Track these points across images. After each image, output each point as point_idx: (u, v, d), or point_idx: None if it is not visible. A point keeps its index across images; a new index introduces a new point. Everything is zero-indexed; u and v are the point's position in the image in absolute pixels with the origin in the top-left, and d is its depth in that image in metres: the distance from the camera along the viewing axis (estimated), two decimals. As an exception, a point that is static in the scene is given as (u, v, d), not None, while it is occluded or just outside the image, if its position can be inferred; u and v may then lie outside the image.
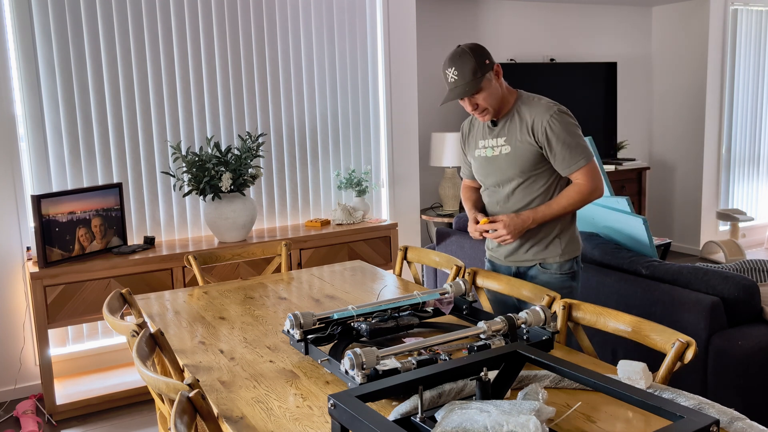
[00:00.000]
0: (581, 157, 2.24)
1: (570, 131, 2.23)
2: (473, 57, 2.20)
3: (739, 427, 1.32)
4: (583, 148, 2.25)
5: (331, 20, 4.30)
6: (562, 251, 2.34)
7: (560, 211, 2.27)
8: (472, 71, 2.20)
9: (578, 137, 2.25)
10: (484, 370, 1.39)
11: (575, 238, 2.39)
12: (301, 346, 1.84)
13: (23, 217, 3.56)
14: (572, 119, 2.26)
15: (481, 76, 2.21)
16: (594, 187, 2.25)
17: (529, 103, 2.29)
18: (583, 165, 2.24)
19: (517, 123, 2.29)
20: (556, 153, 2.24)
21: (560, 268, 2.35)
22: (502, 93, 2.29)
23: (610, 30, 6.18)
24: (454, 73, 2.23)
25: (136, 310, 2.35)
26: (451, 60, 2.23)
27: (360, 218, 4.24)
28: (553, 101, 2.29)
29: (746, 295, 2.63)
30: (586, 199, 2.26)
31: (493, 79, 2.25)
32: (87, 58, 3.64)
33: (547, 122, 2.22)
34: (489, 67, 2.23)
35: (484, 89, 2.23)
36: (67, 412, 3.38)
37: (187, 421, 1.32)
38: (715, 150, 6.24)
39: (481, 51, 2.23)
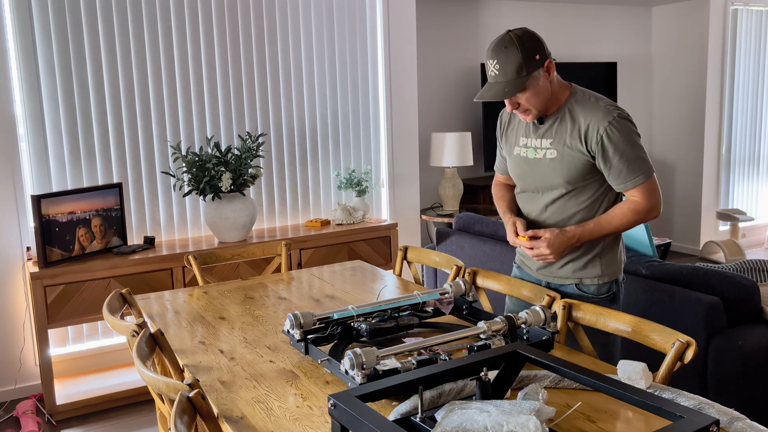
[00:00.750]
0: (641, 172, 1.96)
1: (630, 141, 1.94)
2: (520, 51, 1.89)
3: (739, 427, 1.32)
4: (644, 161, 1.96)
5: (331, 20, 4.30)
6: (602, 272, 2.10)
7: (611, 231, 2.00)
8: (516, 69, 1.90)
9: (639, 148, 1.96)
10: (484, 370, 1.39)
11: (619, 258, 2.14)
12: (301, 346, 1.84)
13: (23, 217, 3.56)
14: (634, 127, 1.97)
15: (527, 74, 1.91)
16: (652, 206, 1.98)
17: (585, 103, 1.99)
18: (641, 182, 1.96)
19: (569, 125, 2.00)
20: (612, 165, 1.96)
21: (598, 290, 2.11)
22: (551, 91, 1.99)
23: (610, 30, 6.18)
24: (496, 67, 1.93)
25: (136, 310, 2.35)
26: (495, 50, 1.93)
27: (360, 218, 4.24)
28: (613, 103, 1.99)
29: (746, 295, 2.63)
30: (642, 219, 1.99)
31: (542, 76, 1.95)
32: (87, 58, 3.64)
33: (605, 129, 1.93)
34: (539, 63, 1.92)
35: (528, 88, 1.94)
36: (67, 412, 3.38)
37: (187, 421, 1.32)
38: (715, 150, 6.24)
39: (533, 43, 1.91)
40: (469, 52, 5.49)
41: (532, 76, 1.93)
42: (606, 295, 2.12)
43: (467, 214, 3.93)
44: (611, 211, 2.02)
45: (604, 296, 2.12)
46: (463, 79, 5.48)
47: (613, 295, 2.14)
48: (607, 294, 2.12)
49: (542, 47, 1.94)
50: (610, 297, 2.13)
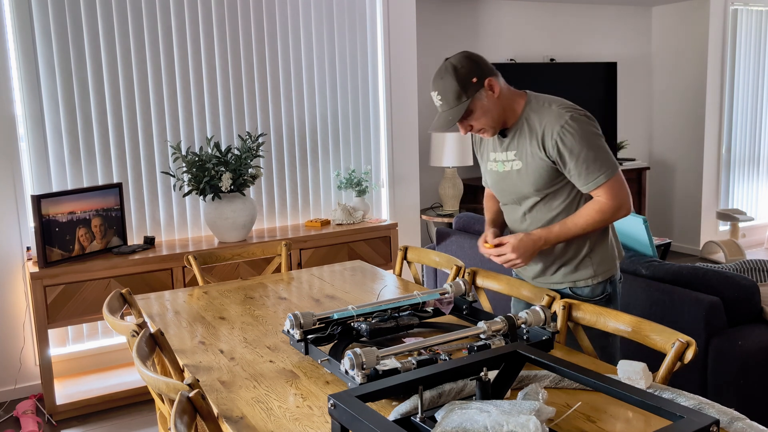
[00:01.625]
0: (601, 171, 1.93)
1: (587, 141, 1.91)
2: (455, 79, 1.91)
3: (739, 427, 1.32)
4: (603, 160, 1.93)
5: (331, 20, 4.30)
6: (594, 272, 2.08)
7: (579, 232, 1.97)
8: (455, 96, 1.92)
9: (597, 147, 1.93)
10: (484, 370, 1.39)
11: (610, 254, 2.11)
12: (301, 346, 1.84)
13: (23, 217, 3.56)
14: (590, 125, 1.94)
15: (468, 99, 1.92)
16: (617, 206, 1.94)
17: (539, 110, 1.98)
18: (603, 182, 1.93)
19: (527, 134, 2.00)
20: (571, 168, 1.94)
21: (592, 292, 2.09)
22: (501, 106, 1.98)
23: (610, 30, 6.18)
24: (438, 98, 1.96)
25: (136, 310, 2.35)
26: (434, 82, 1.96)
27: (360, 218, 4.24)
28: (568, 105, 1.97)
29: (746, 295, 2.63)
30: (608, 219, 1.96)
31: (486, 96, 1.94)
32: (87, 58, 3.64)
33: (558, 133, 1.92)
34: (478, 85, 1.93)
35: (474, 111, 1.95)
36: (67, 412, 3.38)
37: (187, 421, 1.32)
38: (715, 150, 6.24)
39: (468, 67, 1.92)
40: (469, 52, 5.49)
41: (474, 99, 1.94)
42: (600, 297, 2.10)
43: (467, 214, 3.93)
44: (578, 211, 2.00)
45: (599, 298, 2.10)
46: (463, 79, 5.48)
47: (609, 297, 2.11)
48: (602, 296, 2.10)
49: (479, 69, 1.94)
50: (605, 299, 2.11)
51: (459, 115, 1.93)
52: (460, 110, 1.93)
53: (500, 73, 2.03)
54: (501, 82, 1.99)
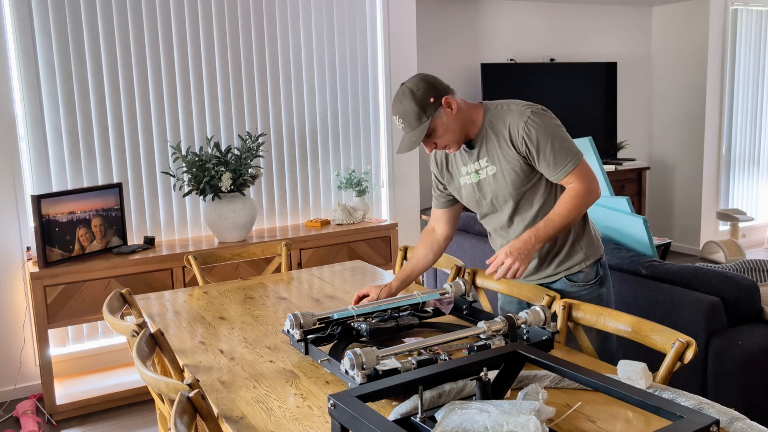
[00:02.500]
0: (568, 159, 2.00)
1: (550, 133, 2.00)
2: (413, 100, 1.97)
3: (739, 427, 1.32)
4: (569, 149, 2.01)
5: (331, 20, 4.30)
6: (585, 255, 2.14)
7: (563, 221, 2.01)
8: (415, 117, 1.98)
9: (561, 138, 2.01)
10: (484, 370, 1.39)
11: (594, 236, 2.19)
12: (301, 346, 1.84)
13: (23, 217, 3.56)
14: (551, 118, 2.03)
15: (428, 118, 1.98)
16: (589, 188, 2.01)
17: (499, 113, 2.06)
18: (571, 168, 2.00)
19: (494, 139, 2.06)
20: (541, 160, 2.02)
21: (586, 277, 2.14)
22: (461, 120, 2.04)
23: (610, 30, 6.18)
24: (399, 121, 2.02)
25: (136, 310, 2.35)
26: (394, 107, 2.03)
27: (360, 218, 4.24)
28: (526, 103, 2.06)
29: (746, 295, 2.63)
30: (585, 202, 2.01)
31: (445, 114, 2.00)
32: (87, 58, 3.64)
33: (524, 129, 2.00)
34: (436, 104, 1.99)
35: (435, 129, 2.01)
36: (67, 412, 3.38)
37: (187, 421, 1.32)
38: (715, 150, 6.24)
39: (424, 89, 1.99)
40: (469, 52, 5.49)
41: (433, 118, 2.00)
42: (595, 280, 2.16)
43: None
44: (557, 203, 2.04)
45: (593, 282, 2.16)
46: (463, 79, 5.49)
47: (601, 279, 2.18)
48: (596, 279, 2.16)
49: (435, 89, 2.00)
50: (599, 281, 2.17)
51: (422, 135, 1.99)
52: (422, 130, 1.99)
53: (455, 90, 2.09)
54: (457, 98, 2.06)
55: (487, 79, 5.26)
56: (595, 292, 2.16)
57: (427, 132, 2.00)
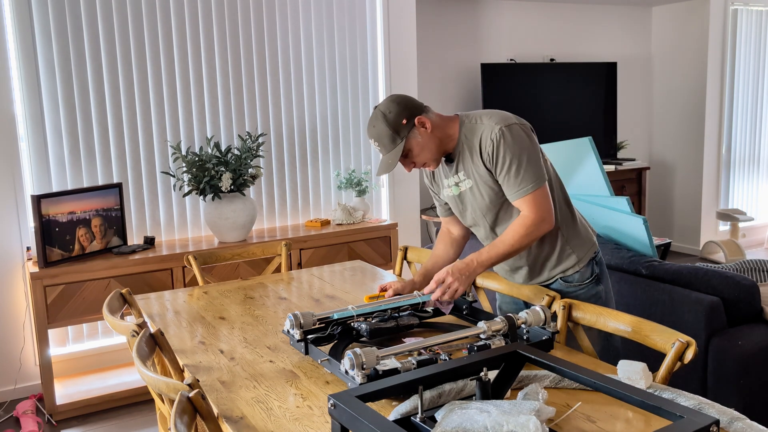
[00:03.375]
0: (528, 183, 1.95)
1: (516, 151, 1.95)
2: (386, 124, 1.98)
3: (739, 427, 1.32)
4: (530, 173, 1.95)
5: (331, 20, 4.30)
6: (578, 257, 2.12)
7: (507, 249, 1.99)
8: (390, 140, 1.99)
9: (525, 159, 1.95)
10: (484, 370, 1.39)
11: (585, 236, 2.16)
12: (301, 346, 1.84)
13: (23, 217, 3.56)
14: (522, 134, 1.98)
15: (402, 140, 1.99)
16: (539, 219, 1.96)
17: (472, 127, 2.04)
18: (527, 193, 1.96)
19: (468, 153, 2.05)
20: (499, 177, 1.99)
21: (582, 277, 2.13)
22: (437, 137, 2.04)
23: (610, 30, 6.18)
24: (376, 144, 2.04)
25: (136, 310, 2.35)
26: (369, 131, 2.04)
27: (360, 218, 4.24)
28: (501, 116, 2.02)
29: (746, 295, 2.63)
30: (534, 233, 1.97)
31: (419, 133, 2.00)
32: (87, 58, 3.64)
33: (489, 143, 1.97)
34: (409, 125, 1.99)
35: (412, 149, 2.02)
36: (67, 412, 3.38)
37: (187, 421, 1.32)
38: (715, 150, 6.24)
39: (397, 111, 1.99)
40: (469, 52, 5.49)
41: (408, 139, 2.00)
42: (590, 279, 2.15)
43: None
44: (506, 231, 2.01)
45: (589, 280, 2.15)
46: (463, 79, 5.49)
47: (597, 277, 2.16)
48: (591, 277, 2.15)
49: (407, 110, 2.00)
50: (595, 279, 2.16)
51: (397, 156, 2.01)
52: (397, 152, 2.00)
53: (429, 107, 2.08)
54: (432, 115, 2.05)
55: (487, 79, 5.26)
56: (592, 290, 2.16)
57: (403, 152, 2.02)
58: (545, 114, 5.63)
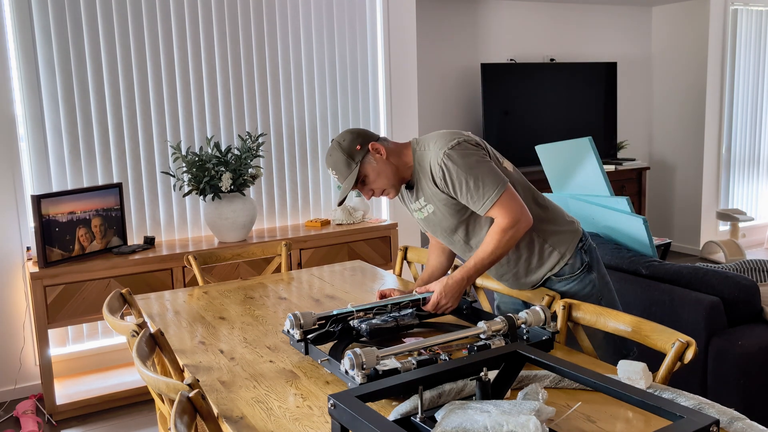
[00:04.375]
0: (489, 192, 1.97)
1: (466, 169, 1.97)
2: (341, 150, 2.05)
3: (739, 427, 1.32)
4: (487, 183, 1.97)
5: (331, 20, 4.30)
6: (561, 253, 2.13)
7: (491, 257, 2.01)
8: (345, 165, 2.05)
9: (478, 170, 1.98)
10: (484, 370, 1.39)
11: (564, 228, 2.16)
12: (301, 346, 1.84)
13: (23, 217, 3.56)
14: (466, 150, 2.00)
15: (357, 164, 2.05)
16: (514, 220, 1.97)
17: (422, 154, 2.08)
18: (493, 202, 1.97)
19: (423, 179, 2.08)
20: (460, 198, 2.01)
21: (572, 268, 2.14)
22: (393, 164, 2.08)
23: (610, 30, 6.18)
24: (333, 173, 2.11)
25: (136, 310, 2.35)
26: (326, 161, 2.12)
27: (360, 218, 4.24)
28: (445, 138, 2.04)
29: (746, 295, 2.63)
30: (512, 235, 1.98)
31: (374, 159, 2.06)
32: (87, 58, 3.64)
33: (438, 169, 2.00)
34: (363, 151, 2.05)
35: (368, 174, 2.07)
36: (67, 412, 3.38)
37: (187, 421, 1.32)
38: (715, 150, 6.24)
39: (350, 139, 2.06)
40: (469, 52, 5.49)
41: (362, 164, 2.06)
42: (581, 268, 2.14)
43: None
44: (485, 240, 2.03)
45: (580, 270, 2.14)
46: (463, 79, 5.49)
47: (588, 265, 2.16)
48: (582, 267, 2.15)
49: (360, 137, 2.07)
50: (586, 268, 2.15)
51: (353, 180, 2.05)
52: (353, 177, 2.05)
53: (385, 136, 2.13)
54: (387, 143, 2.10)
55: (487, 79, 5.26)
56: (585, 279, 2.15)
57: (360, 179, 2.06)
58: (545, 114, 5.63)
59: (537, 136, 5.50)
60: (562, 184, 3.44)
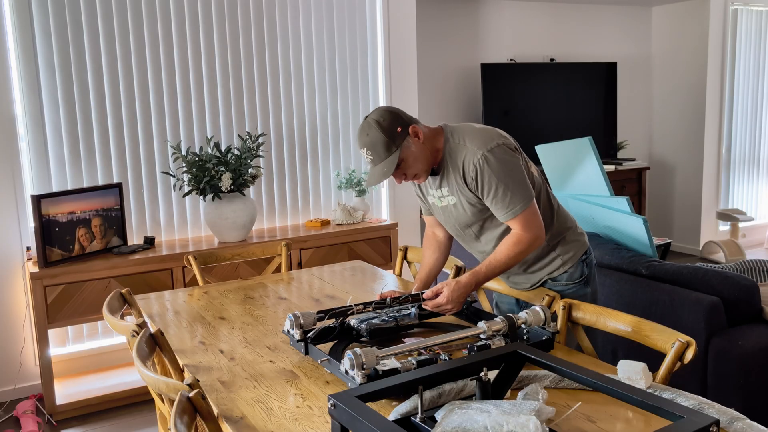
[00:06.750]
0: (514, 204, 1.97)
1: (501, 175, 1.96)
2: (381, 131, 1.95)
3: (739, 427, 1.32)
4: (517, 193, 1.97)
5: (331, 20, 4.30)
6: (563, 260, 2.15)
7: (502, 266, 2.02)
8: (384, 147, 1.96)
9: (512, 179, 1.97)
10: (484, 370, 1.39)
11: (571, 239, 2.18)
12: (301, 346, 1.84)
13: (23, 217, 3.56)
14: (504, 156, 1.98)
15: (397, 149, 1.97)
16: (533, 237, 1.98)
17: (456, 148, 2.03)
18: (516, 214, 1.97)
19: (452, 171, 2.05)
20: (486, 201, 2.01)
21: (570, 277, 2.16)
22: (428, 149, 2.03)
23: (610, 30, 6.18)
24: (368, 153, 2.00)
25: (136, 310, 2.35)
26: (360, 139, 2.00)
27: (360, 218, 4.24)
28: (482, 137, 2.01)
29: (746, 295, 2.63)
30: (527, 250, 2.00)
31: (413, 143, 1.99)
32: (87, 58, 3.64)
33: (472, 169, 1.98)
34: (403, 134, 1.98)
35: (406, 159, 2.00)
36: (67, 412, 3.38)
37: (187, 421, 1.32)
38: (715, 150, 6.24)
39: (390, 119, 1.97)
40: (469, 52, 5.49)
41: (403, 147, 1.98)
42: (579, 279, 2.17)
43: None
44: (498, 248, 2.03)
45: (578, 281, 2.17)
46: (463, 79, 5.49)
47: (587, 279, 2.18)
48: (581, 278, 2.17)
49: (401, 119, 1.99)
50: (584, 281, 2.18)
51: (393, 164, 1.97)
52: (392, 160, 1.97)
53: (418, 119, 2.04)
54: (422, 126, 2.04)
55: (487, 79, 5.26)
56: (580, 291, 2.18)
57: (395, 166, 1.98)
58: (545, 114, 5.63)
59: (537, 136, 5.50)
60: (562, 184, 3.44)
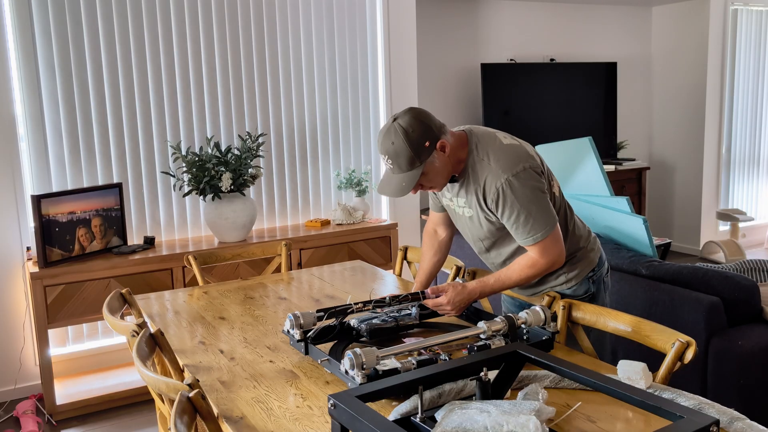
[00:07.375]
0: (535, 231, 1.90)
1: (523, 202, 1.88)
2: (407, 144, 1.83)
3: (739, 427, 1.32)
4: (538, 220, 1.89)
5: (331, 20, 4.30)
6: (567, 279, 2.10)
7: (512, 284, 1.99)
8: (408, 161, 1.84)
9: (534, 206, 1.89)
10: (484, 370, 1.39)
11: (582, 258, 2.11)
12: (301, 346, 1.84)
13: (23, 217, 3.56)
14: (528, 182, 1.89)
15: (422, 164, 1.86)
16: (549, 263, 1.94)
17: (480, 164, 1.94)
18: (536, 241, 1.91)
19: (473, 186, 1.97)
20: (508, 225, 1.94)
21: (573, 292, 2.11)
22: (451, 162, 1.94)
23: (610, 30, 6.18)
24: (389, 162, 1.88)
25: (136, 310, 2.35)
26: (383, 145, 1.87)
27: (360, 218, 4.24)
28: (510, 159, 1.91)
29: (746, 295, 2.63)
30: (541, 273, 1.97)
31: (437, 158, 1.88)
32: (87, 58, 3.64)
33: (494, 192, 1.90)
34: (431, 149, 1.86)
35: (428, 173, 1.89)
36: (67, 412, 3.38)
37: (187, 421, 1.32)
38: (715, 150, 6.24)
39: (420, 131, 1.84)
40: (469, 52, 5.49)
41: (427, 163, 1.88)
42: (583, 296, 2.12)
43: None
44: (511, 265, 2.00)
45: (581, 297, 2.11)
46: (463, 79, 5.48)
47: (592, 296, 2.13)
48: (584, 295, 2.12)
49: (431, 130, 1.87)
50: (588, 297, 2.12)
51: (414, 180, 1.87)
52: (414, 175, 1.87)
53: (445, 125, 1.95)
54: (449, 137, 1.93)
55: (487, 79, 5.26)
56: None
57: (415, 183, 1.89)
58: (545, 114, 5.63)
59: (537, 136, 5.49)
60: (562, 184, 3.44)
